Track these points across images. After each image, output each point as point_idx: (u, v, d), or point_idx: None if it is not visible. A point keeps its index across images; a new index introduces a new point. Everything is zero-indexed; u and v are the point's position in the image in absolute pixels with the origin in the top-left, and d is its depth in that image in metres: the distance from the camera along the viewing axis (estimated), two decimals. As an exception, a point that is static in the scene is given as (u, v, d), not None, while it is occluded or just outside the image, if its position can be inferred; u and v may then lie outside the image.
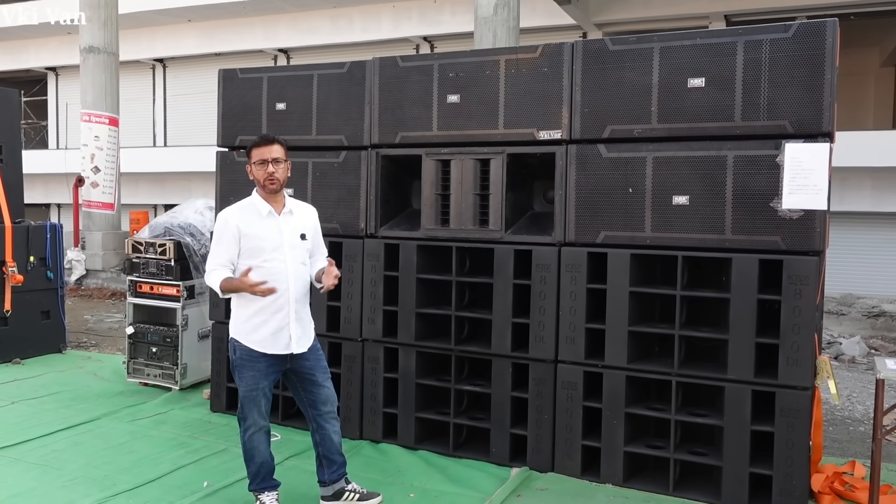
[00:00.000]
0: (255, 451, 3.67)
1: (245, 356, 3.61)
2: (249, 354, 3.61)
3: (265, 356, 3.61)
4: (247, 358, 3.61)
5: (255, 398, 3.63)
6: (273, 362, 3.64)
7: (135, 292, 6.15)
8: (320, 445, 3.81)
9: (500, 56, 4.43)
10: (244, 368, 3.62)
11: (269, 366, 3.64)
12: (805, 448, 3.74)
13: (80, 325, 9.20)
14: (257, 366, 3.61)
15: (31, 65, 20.84)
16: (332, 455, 3.82)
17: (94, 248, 12.74)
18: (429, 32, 16.28)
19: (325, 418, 3.78)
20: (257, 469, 3.69)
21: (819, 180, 3.68)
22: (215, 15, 17.71)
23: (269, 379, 3.67)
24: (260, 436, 3.67)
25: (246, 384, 3.62)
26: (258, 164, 3.63)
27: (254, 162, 3.65)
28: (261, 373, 3.62)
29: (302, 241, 3.72)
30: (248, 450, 3.67)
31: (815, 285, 3.70)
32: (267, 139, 3.69)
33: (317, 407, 3.77)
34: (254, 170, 3.66)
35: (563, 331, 4.24)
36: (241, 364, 3.63)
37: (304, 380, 3.75)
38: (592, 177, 4.18)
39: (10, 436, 4.81)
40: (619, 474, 4.12)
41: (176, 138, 19.57)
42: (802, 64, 3.70)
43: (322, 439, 3.80)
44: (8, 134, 7.27)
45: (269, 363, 3.63)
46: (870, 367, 7.53)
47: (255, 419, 3.65)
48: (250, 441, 3.66)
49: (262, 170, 3.63)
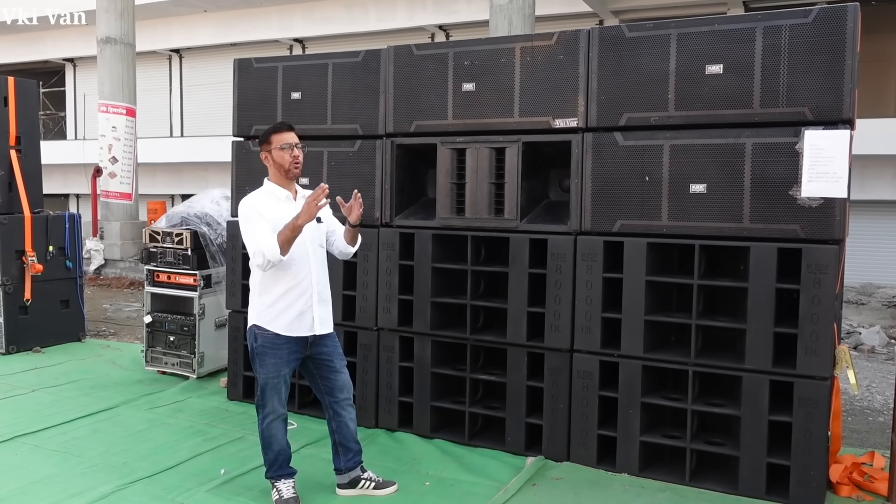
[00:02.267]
0: (273, 439, 3.68)
1: (267, 343, 3.62)
2: (272, 342, 3.61)
3: (287, 343, 3.62)
4: (269, 345, 3.62)
5: (276, 385, 3.64)
6: (294, 349, 3.65)
7: (152, 281, 6.19)
8: (336, 433, 3.83)
9: (516, 44, 4.39)
10: (266, 356, 3.63)
11: (290, 353, 3.65)
12: (823, 438, 3.71)
13: (99, 314, 9.29)
14: (279, 353, 3.63)
15: (49, 56, 21.01)
16: (348, 443, 3.84)
17: (113, 237, 12.86)
18: (444, 21, 16.23)
19: (341, 405, 3.80)
20: (275, 456, 3.71)
21: (839, 168, 3.63)
22: (231, 5, 17.75)
23: (290, 366, 3.69)
24: (278, 423, 3.69)
25: (267, 371, 3.63)
26: (284, 149, 3.64)
27: (278, 147, 3.64)
28: (282, 360, 3.63)
29: (318, 224, 3.74)
30: (266, 437, 3.69)
31: (835, 274, 3.66)
32: (288, 125, 3.71)
33: (333, 394, 3.79)
34: (276, 155, 3.65)
35: (579, 320, 4.22)
36: (263, 351, 3.63)
37: (321, 366, 3.77)
38: (608, 165, 4.15)
39: (30, 423, 4.87)
40: (634, 464, 4.11)
41: (192, 128, 19.67)
42: (822, 50, 3.64)
43: (338, 426, 3.82)
44: (26, 125, 7.32)
45: (290, 350, 3.64)
46: (890, 356, 7.45)
47: (275, 406, 3.66)
48: (268, 429, 3.67)
49: (288, 154, 3.64)
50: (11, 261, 6.92)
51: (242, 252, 5.28)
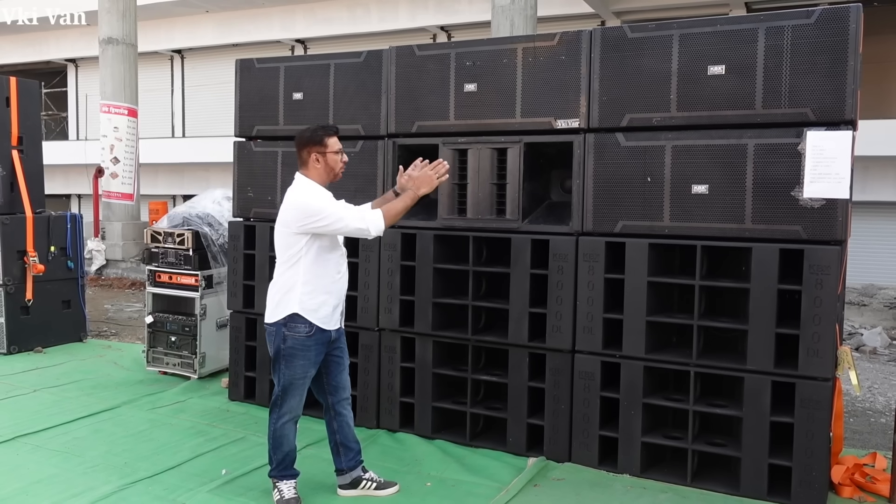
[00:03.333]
0: (285, 440, 3.68)
1: (297, 345, 3.61)
2: (302, 343, 3.61)
3: (316, 344, 3.63)
4: (299, 347, 3.61)
5: (301, 387, 3.66)
6: (320, 350, 3.67)
7: (154, 282, 6.20)
8: (338, 433, 3.83)
9: (518, 44, 4.39)
10: (295, 357, 3.61)
11: (317, 354, 3.66)
12: (825, 439, 3.70)
13: (101, 314, 9.29)
14: (308, 354, 3.63)
15: (51, 56, 21.01)
16: (349, 442, 3.84)
17: (114, 238, 12.86)
18: (446, 22, 16.22)
19: (342, 405, 3.83)
20: (283, 457, 3.70)
21: (841, 169, 3.63)
22: (233, 6, 17.75)
23: (316, 367, 3.70)
24: (291, 425, 3.69)
25: (293, 372, 3.62)
26: (337, 153, 3.71)
27: (334, 150, 3.69)
28: (310, 361, 3.64)
29: None
30: (278, 437, 3.68)
31: (837, 275, 3.66)
32: (335, 128, 3.78)
33: (337, 392, 3.82)
34: (330, 159, 3.69)
35: (581, 321, 4.22)
36: (293, 353, 3.61)
37: (331, 363, 3.79)
38: (610, 166, 4.14)
39: (32, 423, 4.88)
40: (636, 465, 4.10)
41: (194, 129, 19.67)
42: (825, 51, 3.64)
43: (339, 426, 3.83)
44: (28, 125, 7.33)
45: (317, 351, 3.66)
46: (892, 358, 7.45)
47: (293, 406, 3.67)
48: (282, 429, 3.67)
49: (339, 158, 3.72)
50: (13, 261, 6.92)
51: (244, 252, 5.29)
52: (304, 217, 3.56)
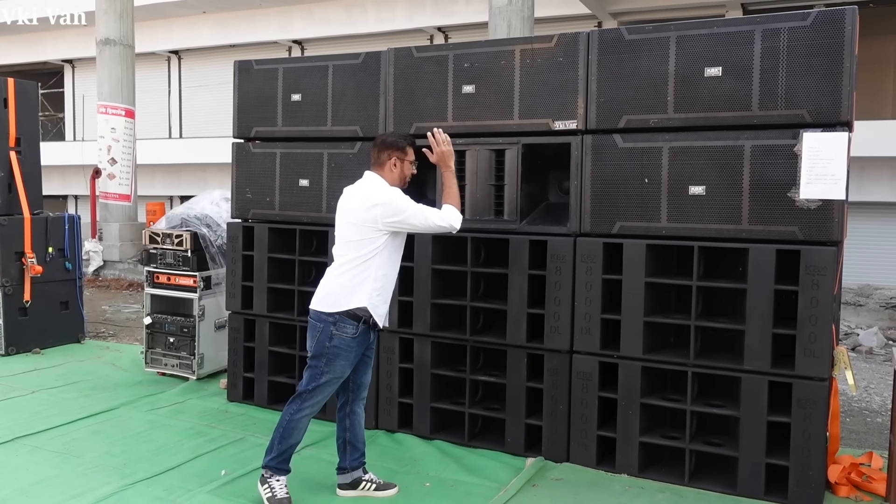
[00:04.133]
0: (295, 432, 3.68)
1: (343, 345, 3.62)
2: (347, 344, 3.62)
3: (359, 344, 3.67)
4: (344, 347, 3.62)
5: (334, 385, 3.69)
6: (359, 352, 3.71)
7: (152, 283, 6.20)
8: (349, 430, 3.86)
9: (516, 46, 4.41)
10: (339, 357, 3.63)
11: (355, 356, 3.69)
12: (822, 439, 3.72)
13: (98, 315, 9.29)
14: (349, 355, 3.65)
15: (48, 57, 20.99)
16: (357, 442, 3.88)
17: (112, 239, 12.85)
18: (443, 23, 16.25)
19: (359, 403, 3.88)
20: (286, 448, 3.69)
21: (837, 170, 3.65)
22: (230, 6, 17.76)
23: (352, 367, 3.73)
24: (307, 420, 3.70)
25: (333, 372, 3.64)
26: (412, 163, 3.87)
27: (411, 160, 3.86)
28: (349, 362, 3.67)
29: None
30: (289, 428, 3.67)
31: (833, 276, 3.68)
32: (414, 141, 3.93)
33: (359, 391, 3.86)
34: (407, 167, 3.85)
35: (579, 321, 4.23)
36: (337, 353, 3.62)
37: (361, 362, 3.81)
38: (608, 167, 4.16)
39: (31, 424, 4.88)
40: (634, 464, 4.12)
41: (191, 130, 19.66)
42: (821, 52, 3.66)
43: (352, 424, 3.86)
44: (26, 126, 7.32)
45: (357, 353, 3.69)
46: (887, 357, 7.47)
47: (317, 403, 3.68)
48: (298, 421, 3.67)
49: (411, 170, 3.88)
50: (11, 262, 6.92)
51: (242, 253, 5.29)
52: (394, 214, 3.65)
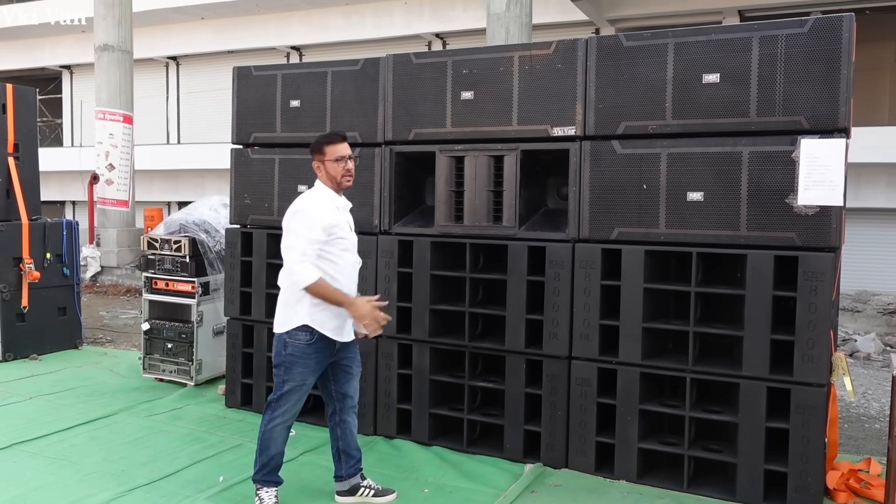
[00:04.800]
0: (273, 443, 3.68)
1: (297, 352, 3.62)
2: (302, 351, 3.61)
3: (317, 352, 3.64)
4: (299, 354, 3.62)
5: (297, 393, 3.66)
6: (322, 358, 3.68)
7: (150, 289, 6.20)
8: (341, 439, 3.84)
9: (514, 52, 4.42)
10: (295, 365, 3.62)
11: (317, 362, 3.67)
12: (820, 445, 3.73)
13: (96, 321, 9.27)
14: (308, 362, 3.63)
15: (47, 63, 21.01)
16: (350, 449, 3.86)
17: (109, 244, 12.84)
18: (441, 29, 16.28)
19: (348, 412, 3.85)
20: (268, 460, 3.70)
21: (835, 176, 3.66)
22: (229, 12, 17.79)
23: (316, 375, 3.70)
24: (282, 429, 3.69)
25: (293, 380, 3.63)
26: (337, 161, 3.69)
27: (332, 159, 3.69)
28: (309, 369, 3.65)
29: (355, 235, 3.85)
30: (266, 439, 3.68)
31: (831, 282, 3.69)
32: (340, 136, 3.77)
33: (344, 400, 3.83)
34: (330, 167, 3.70)
35: (577, 327, 4.24)
36: (293, 361, 3.62)
37: (339, 371, 3.80)
38: (606, 173, 4.17)
39: (28, 431, 4.87)
40: (633, 471, 4.12)
41: (190, 136, 19.66)
42: (818, 59, 3.67)
43: (343, 433, 3.84)
44: (24, 132, 7.32)
45: (318, 360, 3.66)
46: (885, 363, 7.48)
47: (287, 412, 3.67)
48: (272, 431, 3.67)
49: (341, 167, 3.70)
50: (9, 268, 6.91)
51: (241, 259, 5.29)
52: (286, 228, 3.63)
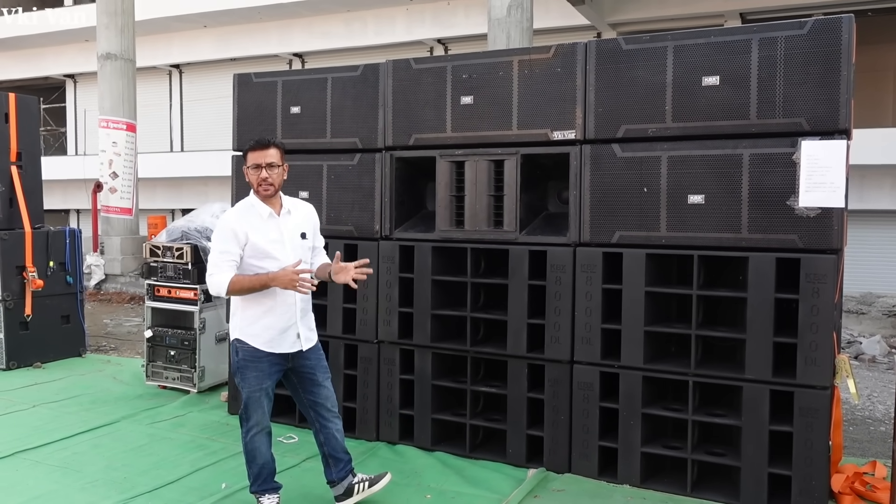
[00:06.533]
0: (257, 452, 3.67)
1: (248, 357, 3.62)
2: (252, 355, 3.61)
3: (269, 356, 3.62)
4: (249, 359, 3.61)
5: (259, 399, 3.64)
6: (275, 362, 3.65)
7: (153, 296, 6.20)
8: (325, 445, 3.83)
9: (514, 57, 4.43)
10: (247, 370, 3.62)
11: (270, 365, 3.64)
12: (824, 448, 3.71)
13: (100, 329, 9.29)
14: (260, 366, 3.62)
15: (50, 72, 21.10)
16: (337, 454, 3.84)
17: (113, 252, 12.86)
18: (442, 35, 16.31)
19: (326, 418, 3.80)
20: (258, 470, 3.69)
21: (836, 178, 3.65)
22: (230, 20, 17.85)
23: (272, 378, 3.68)
24: (262, 437, 3.67)
25: (249, 385, 3.62)
26: (252, 169, 3.60)
27: (248, 166, 3.62)
28: (263, 373, 3.63)
29: (303, 241, 3.73)
30: (250, 451, 3.68)
31: (833, 283, 3.67)
32: (262, 143, 3.62)
33: (317, 407, 3.79)
34: (248, 173, 3.63)
35: (579, 331, 4.23)
36: (244, 365, 3.63)
37: (304, 379, 3.76)
38: (607, 177, 4.17)
39: (31, 439, 4.87)
40: (636, 475, 4.10)
41: (192, 143, 19.72)
42: (818, 61, 3.67)
43: (326, 438, 3.81)
44: (27, 141, 7.35)
45: (270, 363, 3.64)
46: (890, 366, 7.45)
47: (259, 419, 3.65)
48: (252, 442, 3.66)
49: (255, 174, 3.59)
50: (12, 276, 6.92)
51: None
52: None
